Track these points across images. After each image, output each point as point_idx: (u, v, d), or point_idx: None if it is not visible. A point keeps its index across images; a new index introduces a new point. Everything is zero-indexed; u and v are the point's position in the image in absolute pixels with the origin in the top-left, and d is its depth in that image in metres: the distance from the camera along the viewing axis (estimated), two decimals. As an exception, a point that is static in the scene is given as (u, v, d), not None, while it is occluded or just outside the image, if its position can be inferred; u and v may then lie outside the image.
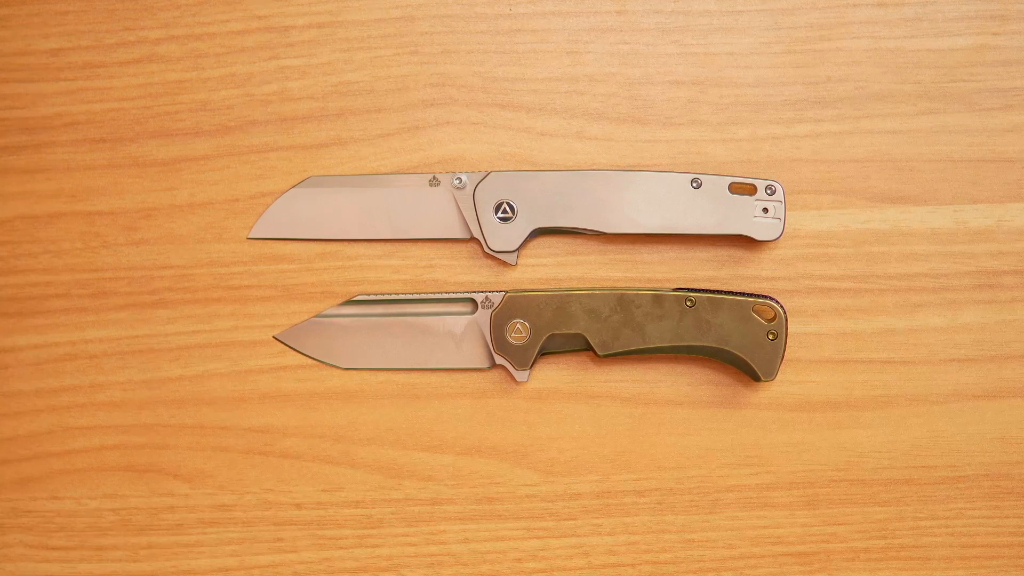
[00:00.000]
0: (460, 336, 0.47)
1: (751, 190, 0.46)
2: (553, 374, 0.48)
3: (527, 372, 0.46)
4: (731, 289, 0.47)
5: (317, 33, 0.48)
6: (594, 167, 0.48)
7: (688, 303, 0.45)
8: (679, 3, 0.48)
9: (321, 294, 0.48)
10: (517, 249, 0.46)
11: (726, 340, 0.45)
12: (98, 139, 0.48)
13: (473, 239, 0.47)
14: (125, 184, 0.48)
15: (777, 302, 0.45)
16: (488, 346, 0.47)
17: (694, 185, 0.45)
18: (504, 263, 0.47)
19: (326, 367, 0.48)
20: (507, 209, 0.46)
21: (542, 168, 0.47)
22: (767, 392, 0.47)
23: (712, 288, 0.47)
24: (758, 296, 0.46)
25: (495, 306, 0.46)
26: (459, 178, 0.46)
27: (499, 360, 0.46)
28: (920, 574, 0.47)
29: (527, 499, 0.47)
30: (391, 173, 0.47)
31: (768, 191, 0.45)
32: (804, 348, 0.47)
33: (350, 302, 0.47)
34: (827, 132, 0.48)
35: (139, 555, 0.47)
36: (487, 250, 0.46)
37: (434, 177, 0.46)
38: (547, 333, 0.46)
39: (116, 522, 0.47)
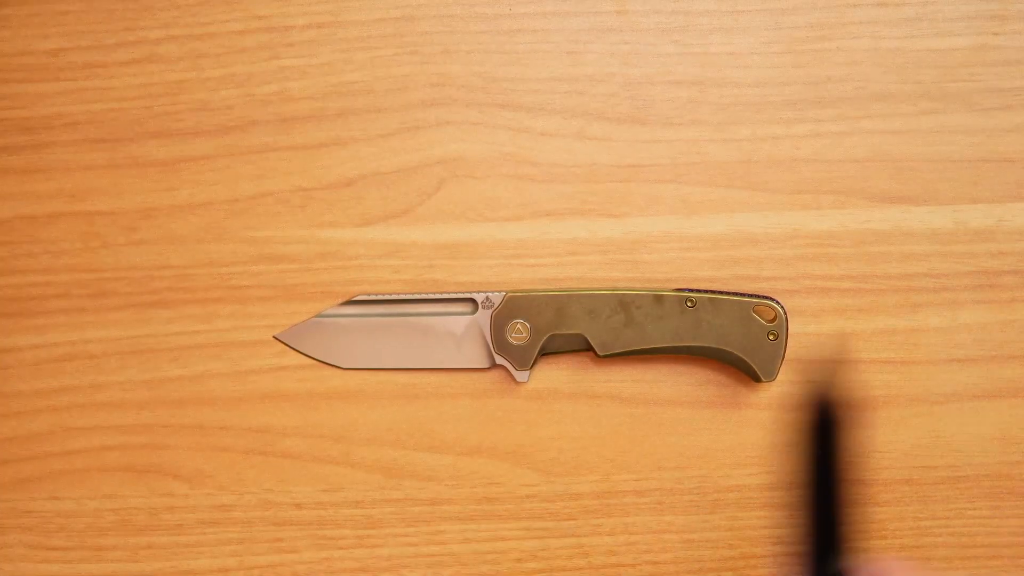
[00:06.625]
0: (460, 336, 0.47)
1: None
2: (553, 374, 0.48)
3: (527, 372, 0.46)
4: (731, 289, 0.47)
5: (317, 33, 0.48)
6: (594, 166, 0.48)
7: (688, 303, 0.45)
8: (679, 3, 0.48)
9: (321, 294, 0.48)
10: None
11: (726, 340, 0.45)
12: (98, 139, 0.48)
13: None
14: (125, 184, 0.48)
15: (777, 302, 0.45)
16: (488, 346, 0.47)
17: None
18: (506, 264, 0.47)
19: (326, 367, 0.48)
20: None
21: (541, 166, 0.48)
22: (767, 392, 0.47)
23: (712, 288, 0.47)
24: (758, 296, 0.46)
25: (495, 306, 0.46)
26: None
27: (499, 360, 0.46)
28: (920, 574, 0.47)
29: (527, 499, 0.47)
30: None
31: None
32: (804, 348, 0.47)
33: (350, 302, 0.47)
34: (827, 132, 0.47)
35: (139, 555, 0.47)
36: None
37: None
38: (547, 333, 0.46)
39: (116, 522, 0.47)
